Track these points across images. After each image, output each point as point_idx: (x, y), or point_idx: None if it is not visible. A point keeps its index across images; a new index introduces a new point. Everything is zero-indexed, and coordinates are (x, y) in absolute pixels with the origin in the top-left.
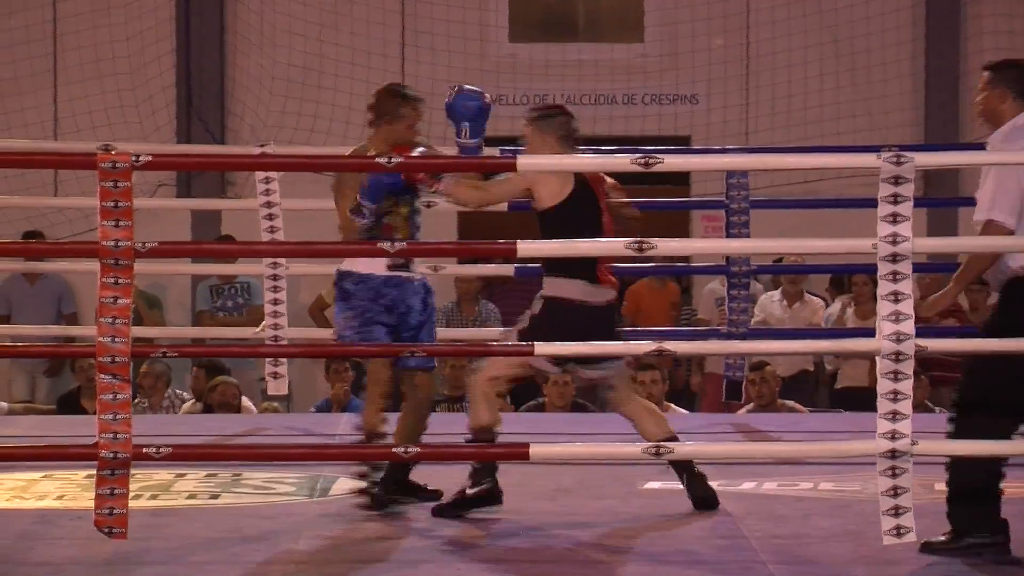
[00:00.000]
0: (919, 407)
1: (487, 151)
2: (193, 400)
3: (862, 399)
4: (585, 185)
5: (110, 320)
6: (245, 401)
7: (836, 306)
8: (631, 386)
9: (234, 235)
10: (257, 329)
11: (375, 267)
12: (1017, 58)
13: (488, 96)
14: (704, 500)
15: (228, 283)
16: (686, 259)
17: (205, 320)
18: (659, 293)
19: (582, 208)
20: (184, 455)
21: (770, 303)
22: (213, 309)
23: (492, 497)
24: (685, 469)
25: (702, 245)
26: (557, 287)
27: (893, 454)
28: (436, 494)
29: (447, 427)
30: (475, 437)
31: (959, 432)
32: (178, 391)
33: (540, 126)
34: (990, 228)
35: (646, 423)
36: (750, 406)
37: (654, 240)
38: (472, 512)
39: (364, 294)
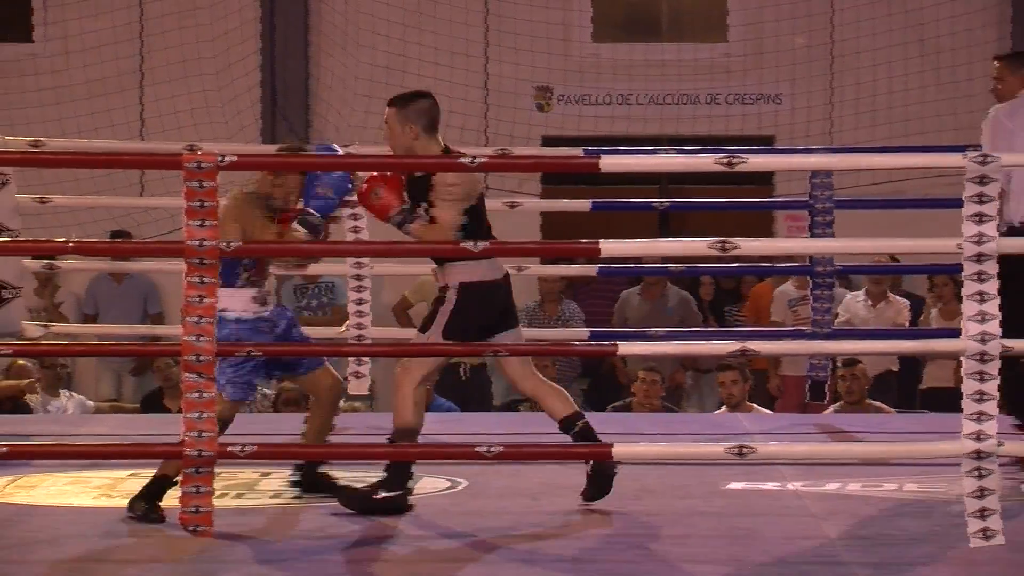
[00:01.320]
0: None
1: (571, 151)
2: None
3: (948, 399)
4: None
5: (195, 319)
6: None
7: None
8: (528, 363)
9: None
10: (341, 329)
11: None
12: None
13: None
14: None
15: (312, 283)
16: (769, 259)
17: None
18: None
19: (483, 203)
20: (269, 453)
21: (854, 303)
22: (297, 309)
23: (399, 507)
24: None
25: (785, 245)
26: (467, 271)
27: (979, 455)
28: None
29: (529, 427)
30: (398, 438)
31: None
32: (265, 391)
33: (402, 111)
34: None
35: (552, 400)
36: (838, 404)
37: (737, 240)
38: (376, 517)
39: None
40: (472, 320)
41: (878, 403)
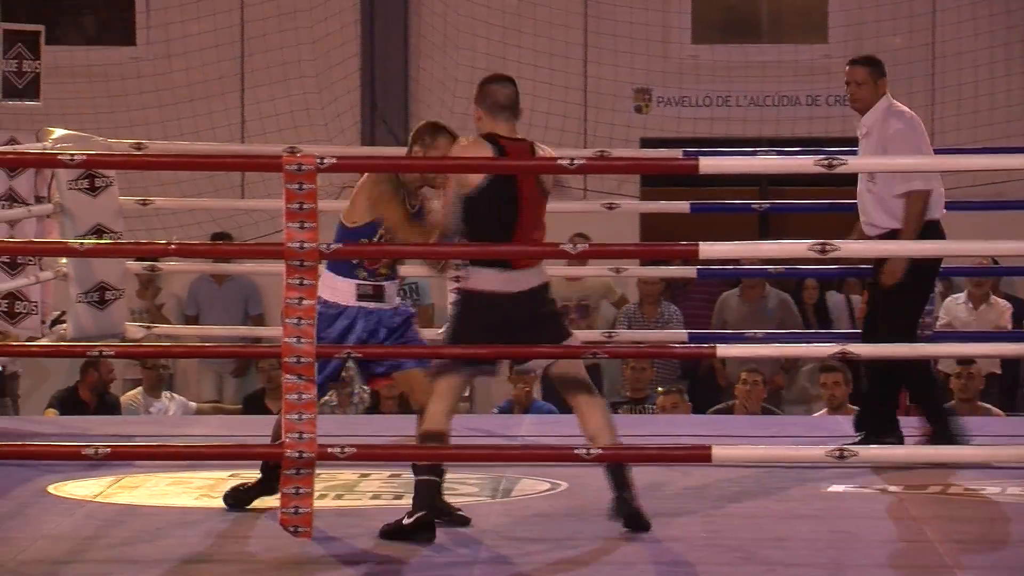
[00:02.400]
0: None
1: (670, 153)
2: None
3: None
4: (507, 176)
5: (295, 321)
6: None
7: None
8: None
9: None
10: (439, 331)
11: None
12: None
13: None
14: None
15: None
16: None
17: None
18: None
19: (496, 199)
20: (368, 455)
21: (955, 306)
22: None
23: (422, 530)
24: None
25: (886, 247)
26: (472, 278)
27: None
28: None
29: (630, 429)
30: (425, 440)
31: None
32: (365, 387)
33: (476, 94)
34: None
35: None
36: (950, 403)
37: (837, 242)
38: (410, 540)
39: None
40: (473, 331)
41: (988, 405)
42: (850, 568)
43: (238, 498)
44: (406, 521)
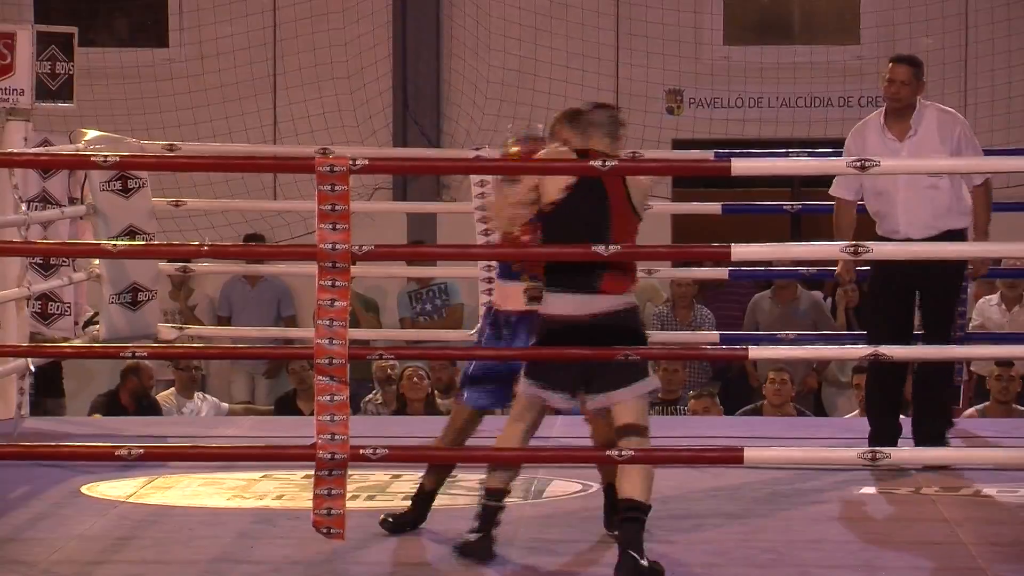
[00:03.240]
0: None
1: (702, 154)
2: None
3: None
4: (594, 182)
5: (327, 322)
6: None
7: None
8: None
9: (449, 238)
10: (471, 332)
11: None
12: None
13: None
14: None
15: (425, 287)
16: None
17: (408, 327)
18: None
19: (583, 206)
20: (400, 456)
21: (988, 307)
22: (414, 315)
23: (478, 551)
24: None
25: (918, 249)
26: (547, 301)
27: None
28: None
29: (662, 430)
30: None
31: None
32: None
33: (568, 122)
34: None
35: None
36: (985, 404)
37: (870, 244)
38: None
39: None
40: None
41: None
42: (883, 570)
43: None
44: (467, 537)
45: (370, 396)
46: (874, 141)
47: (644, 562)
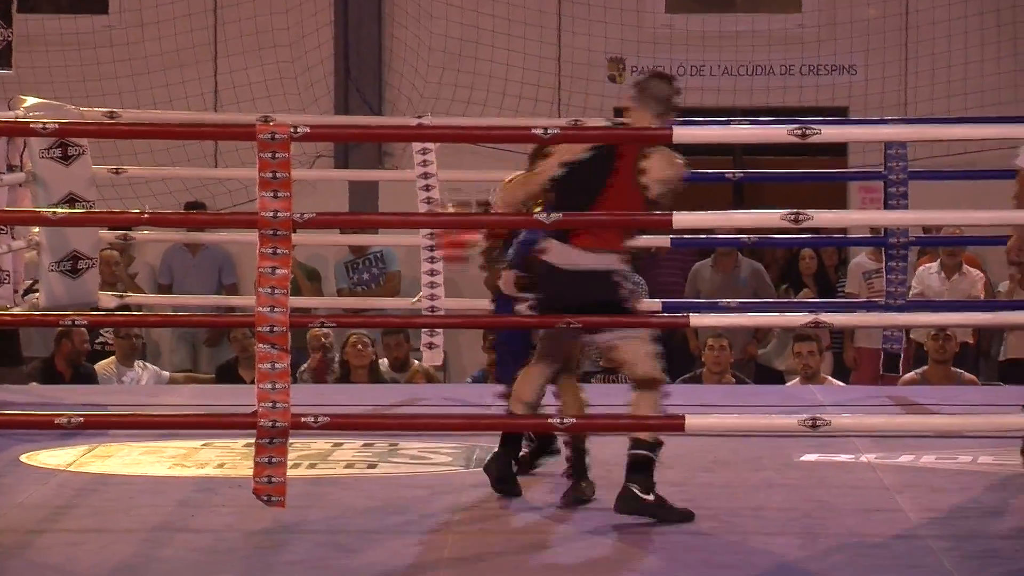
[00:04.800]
0: None
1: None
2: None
3: None
4: (610, 151)
5: (269, 290)
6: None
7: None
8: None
9: (391, 206)
10: (414, 300)
11: None
12: None
13: None
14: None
15: (361, 256)
16: (843, 231)
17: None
18: None
19: (586, 171)
20: (342, 424)
21: (928, 275)
22: (352, 285)
23: (579, 498)
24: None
25: (859, 216)
26: (544, 245)
27: None
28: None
29: (604, 398)
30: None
31: None
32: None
33: (633, 95)
34: None
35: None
36: (925, 367)
37: (810, 211)
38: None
39: None
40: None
41: (964, 372)
42: (824, 537)
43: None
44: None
45: (304, 366)
46: None
47: (649, 497)
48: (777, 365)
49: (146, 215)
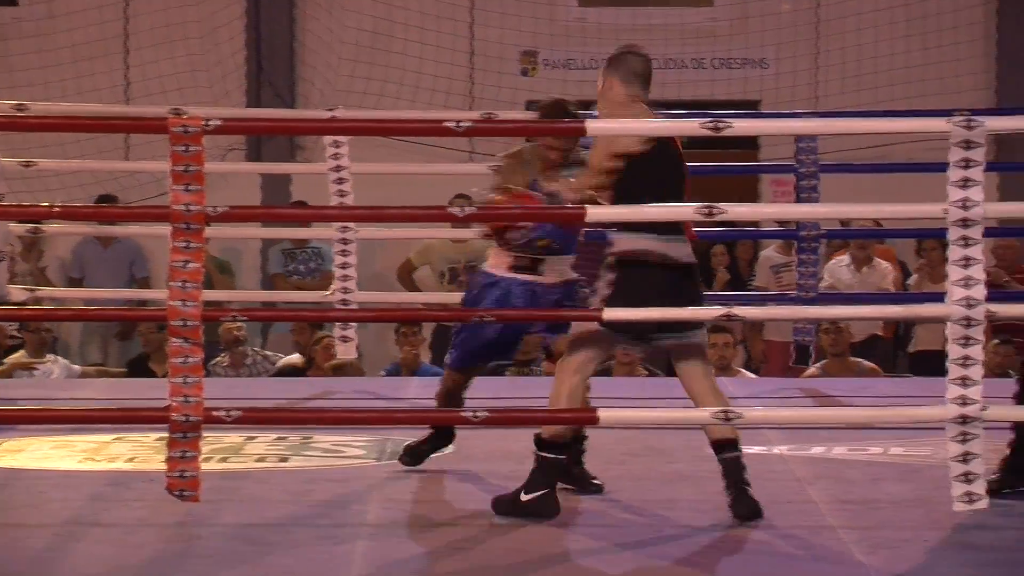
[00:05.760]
0: (999, 374)
1: None
2: (297, 354)
3: (939, 363)
4: (671, 141)
5: (181, 284)
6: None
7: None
8: (706, 362)
9: (305, 199)
10: (326, 293)
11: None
12: None
13: None
14: (749, 516)
15: (300, 248)
16: (755, 224)
17: (279, 283)
18: None
19: (664, 163)
20: (254, 418)
21: (838, 268)
22: (287, 272)
23: (546, 508)
24: (735, 481)
25: (771, 210)
26: (631, 242)
27: (963, 420)
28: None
29: (517, 391)
30: (545, 444)
31: None
32: (264, 352)
33: (607, 69)
34: None
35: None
36: (823, 361)
37: (723, 205)
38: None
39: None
40: (629, 296)
41: (863, 361)
42: (735, 528)
43: (414, 455)
44: (524, 497)
45: (217, 359)
46: None
47: (751, 490)
48: None
49: (57, 208)
